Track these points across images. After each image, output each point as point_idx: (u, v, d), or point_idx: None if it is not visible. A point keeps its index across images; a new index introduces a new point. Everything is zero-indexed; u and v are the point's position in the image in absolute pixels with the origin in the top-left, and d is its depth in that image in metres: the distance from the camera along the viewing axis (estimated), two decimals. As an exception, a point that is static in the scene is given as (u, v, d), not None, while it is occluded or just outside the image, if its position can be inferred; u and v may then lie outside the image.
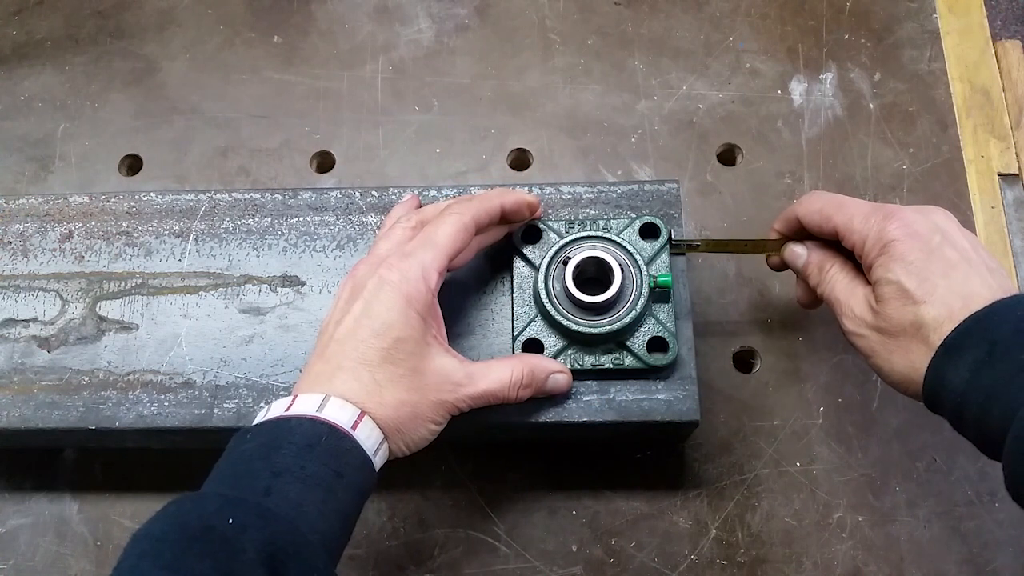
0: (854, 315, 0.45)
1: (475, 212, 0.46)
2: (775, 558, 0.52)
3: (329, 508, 0.38)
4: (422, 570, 0.53)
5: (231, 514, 0.35)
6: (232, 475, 0.39)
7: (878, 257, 0.43)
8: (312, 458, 0.38)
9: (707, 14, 0.68)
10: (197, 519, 0.35)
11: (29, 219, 0.55)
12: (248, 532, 0.35)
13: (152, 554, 0.34)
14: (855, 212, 0.45)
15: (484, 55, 0.68)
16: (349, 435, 0.40)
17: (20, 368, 0.51)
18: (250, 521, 0.35)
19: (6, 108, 0.68)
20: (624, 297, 0.48)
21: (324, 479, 0.38)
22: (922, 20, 0.67)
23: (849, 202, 0.46)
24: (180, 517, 0.36)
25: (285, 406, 0.41)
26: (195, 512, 0.36)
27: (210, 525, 0.35)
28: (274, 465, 0.38)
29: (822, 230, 0.47)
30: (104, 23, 0.71)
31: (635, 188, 0.53)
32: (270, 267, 0.53)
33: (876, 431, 0.55)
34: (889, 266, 0.42)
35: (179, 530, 0.35)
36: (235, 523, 0.35)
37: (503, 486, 0.55)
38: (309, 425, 0.39)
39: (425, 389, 0.43)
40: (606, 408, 0.48)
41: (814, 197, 0.48)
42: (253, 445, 0.39)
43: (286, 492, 0.37)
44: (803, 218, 0.48)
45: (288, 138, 0.65)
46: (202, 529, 0.34)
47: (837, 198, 0.47)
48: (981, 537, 0.52)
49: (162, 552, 0.34)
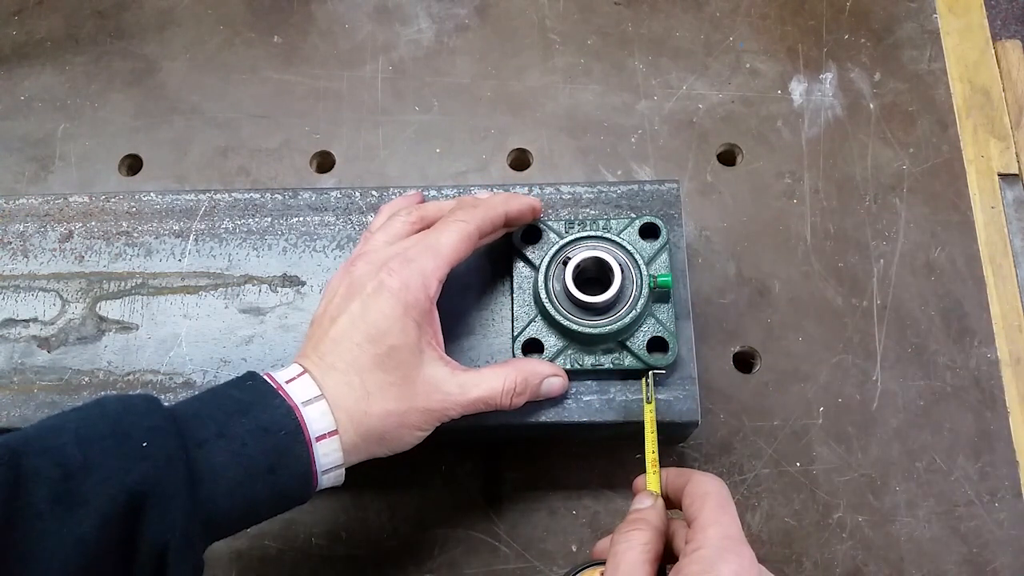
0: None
1: (480, 221, 0.46)
2: (775, 558, 0.52)
3: (240, 491, 0.39)
4: (422, 570, 0.53)
5: (150, 437, 0.37)
6: (196, 410, 0.40)
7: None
8: (259, 441, 0.39)
9: (707, 14, 0.68)
10: (130, 422, 0.38)
11: (29, 219, 0.55)
12: (145, 462, 0.36)
13: (70, 425, 0.37)
14: None
15: (484, 55, 0.68)
16: (308, 443, 0.40)
17: (20, 368, 0.51)
18: (157, 454, 0.37)
19: (6, 108, 0.68)
20: (624, 297, 0.48)
21: (254, 465, 0.39)
22: (922, 20, 0.67)
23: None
24: (125, 412, 0.38)
25: (291, 375, 0.42)
26: (131, 414, 0.38)
27: (127, 432, 0.37)
28: (226, 426, 0.39)
29: None
30: (104, 23, 0.71)
31: (635, 188, 0.53)
32: (270, 267, 0.53)
33: (876, 431, 0.55)
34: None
35: (113, 422, 0.38)
36: (147, 448, 0.37)
37: (503, 486, 0.55)
38: (283, 414, 0.40)
39: (414, 398, 0.43)
40: (606, 408, 0.48)
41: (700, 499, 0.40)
42: (236, 395, 0.41)
43: (214, 455, 0.38)
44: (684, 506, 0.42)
45: (288, 138, 0.65)
46: (124, 431, 0.37)
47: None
48: (981, 537, 0.53)
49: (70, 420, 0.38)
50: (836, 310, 0.58)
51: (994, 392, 0.56)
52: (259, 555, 0.53)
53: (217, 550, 0.53)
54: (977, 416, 0.55)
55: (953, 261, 0.59)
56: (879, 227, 0.60)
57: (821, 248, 0.60)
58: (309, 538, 0.54)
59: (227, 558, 0.53)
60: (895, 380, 0.56)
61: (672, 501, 0.43)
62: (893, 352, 0.57)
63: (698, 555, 0.37)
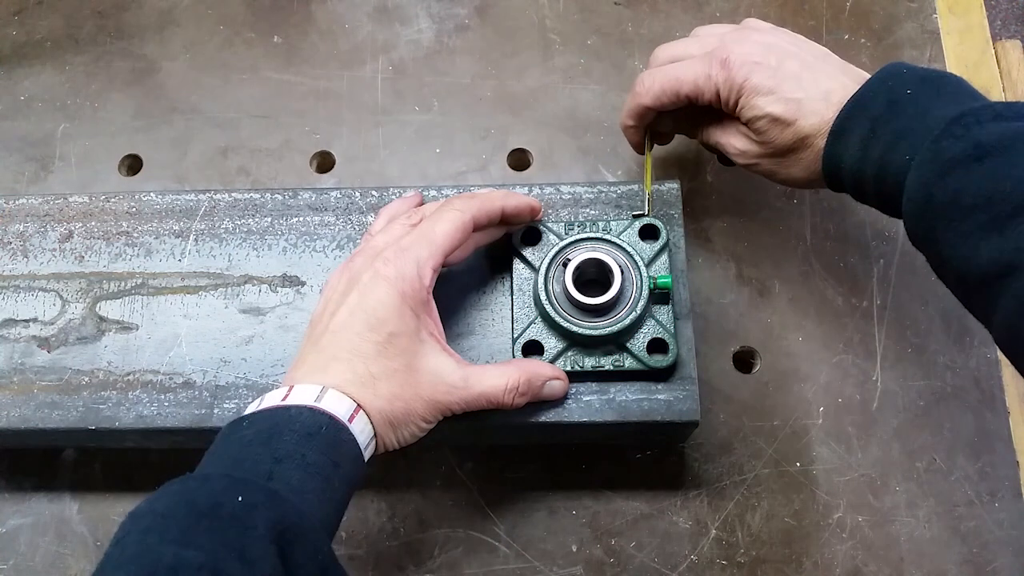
0: (740, 151, 0.50)
1: (475, 211, 0.46)
2: (775, 558, 0.52)
3: (327, 496, 0.38)
4: (422, 570, 0.53)
5: (239, 493, 0.35)
6: (231, 460, 0.38)
7: (737, 101, 0.48)
8: (312, 447, 0.38)
9: (707, 14, 0.68)
10: (205, 497, 0.34)
11: (29, 219, 0.55)
12: (258, 510, 0.34)
13: (158, 529, 0.33)
14: (695, 75, 0.48)
15: (484, 55, 0.68)
16: (346, 427, 0.40)
17: (20, 368, 0.51)
18: (259, 500, 0.35)
19: (6, 108, 0.68)
20: (624, 299, 0.48)
21: (323, 468, 0.38)
22: (922, 20, 0.67)
23: (681, 69, 0.49)
24: (186, 495, 0.35)
25: (281, 396, 0.41)
26: (202, 490, 0.35)
27: (218, 502, 0.34)
28: (275, 451, 0.38)
29: (676, 105, 0.50)
30: (104, 23, 0.70)
31: (635, 188, 0.53)
32: (270, 267, 0.53)
33: (876, 431, 0.55)
34: (751, 104, 0.47)
35: (186, 506, 0.34)
36: (244, 501, 0.34)
37: (503, 486, 0.55)
38: (309, 415, 0.40)
39: (419, 386, 0.43)
40: (606, 408, 0.48)
41: (648, 80, 0.51)
42: (252, 432, 0.39)
43: (288, 478, 0.37)
44: (653, 105, 0.51)
45: (288, 138, 0.65)
46: (210, 506, 0.34)
47: (669, 73, 0.50)
48: (981, 537, 0.53)
49: (169, 528, 0.33)
50: (836, 310, 0.58)
51: (994, 392, 0.56)
52: (259, 555, 0.53)
53: (217, 550, 0.53)
54: (977, 416, 0.55)
55: (953, 261, 0.59)
56: (879, 227, 0.60)
57: (821, 248, 0.60)
58: (309, 538, 0.54)
59: (227, 558, 0.53)
60: (895, 380, 0.56)
61: (659, 114, 0.52)
62: (893, 352, 0.57)
63: None
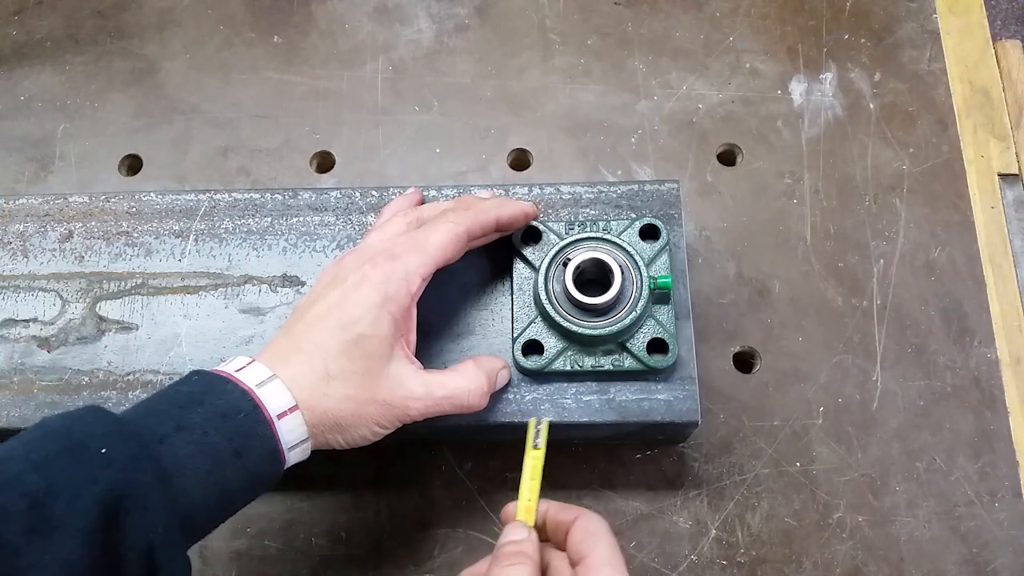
0: None
1: (470, 224, 0.47)
2: (775, 558, 0.52)
3: (212, 481, 0.38)
4: (422, 570, 0.53)
5: (108, 444, 0.36)
6: (146, 410, 0.40)
7: None
8: (219, 428, 0.39)
9: (707, 14, 0.68)
10: (81, 434, 0.37)
11: (29, 219, 0.55)
12: (109, 468, 0.36)
13: (23, 448, 0.36)
14: None
15: (484, 55, 0.68)
16: (268, 422, 0.40)
17: (20, 368, 0.51)
18: (115, 458, 0.36)
19: (6, 108, 0.68)
20: (624, 299, 0.48)
21: (220, 452, 0.39)
22: (922, 20, 0.67)
23: None
24: (65, 422, 0.37)
25: (238, 366, 0.42)
26: (77, 427, 0.37)
27: (82, 444, 0.36)
28: (183, 419, 0.39)
29: None
30: (104, 23, 0.70)
31: (635, 188, 0.53)
32: (270, 267, 0.53)
33: (876, 431, 0.55)
34: None
35: (53, 436, 0.37)
36: (107, 454, 0.36)
37: (503, 486, 0.55)
38: (238, 397, 0.40)
39: (375, 390, 0.43)
40: (606, 408, 0.48)
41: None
42: (186, 390, 0.40)
43: (177, 448, 0.38)
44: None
45: (288, 138, 0.65)
46: (79, 444, 0.36)
47: None
48: (981, 537, 0.53)
49: (31, 451, 0.36)
50: (836, 310, 0.58)
51: (994, 392, 0.56)
52: (259, 555, 0.53)
53: (217, 550, 0.53)
54: (977, 416, 0.55)
55: (953, 261, 0.59)
56: (879, 227, 0.60)
57: (821, 248, 0.60)
58: (309, 538, 0.54)
59: (227, 558, 0.53)
60: (895, 380, 0.56)
61: (547, 533, 0.43)
62: (893, 352, 0.57)
63: None
